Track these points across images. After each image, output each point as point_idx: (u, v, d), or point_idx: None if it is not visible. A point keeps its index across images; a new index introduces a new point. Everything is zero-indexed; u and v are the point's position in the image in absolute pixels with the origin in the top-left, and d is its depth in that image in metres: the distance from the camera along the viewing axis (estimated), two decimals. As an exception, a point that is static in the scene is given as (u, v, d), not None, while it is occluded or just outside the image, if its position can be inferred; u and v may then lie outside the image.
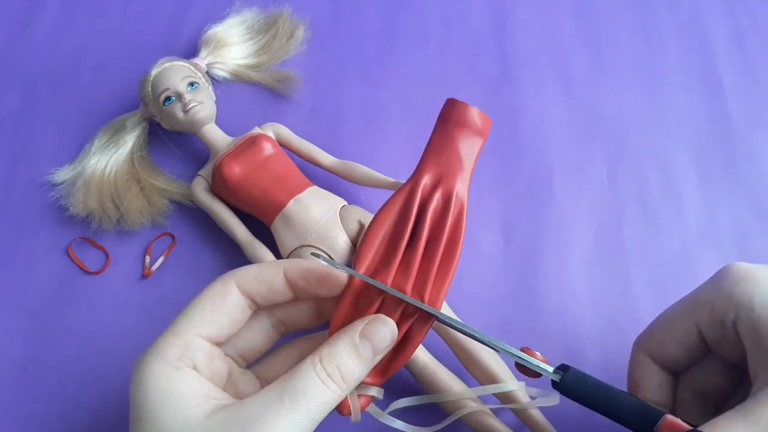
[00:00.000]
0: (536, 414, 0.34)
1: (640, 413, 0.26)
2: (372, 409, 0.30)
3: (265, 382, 0.29)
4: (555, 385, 0.28)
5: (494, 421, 0.34)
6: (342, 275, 0.28)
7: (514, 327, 0.39)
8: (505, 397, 0.34)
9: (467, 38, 0.50)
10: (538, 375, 0.28)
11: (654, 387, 0.30)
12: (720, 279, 0.28)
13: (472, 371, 0.36)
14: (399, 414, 0.32)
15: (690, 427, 0.24)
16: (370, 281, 0.28)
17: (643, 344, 0.31)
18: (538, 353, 0.29)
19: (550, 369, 0.28)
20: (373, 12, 0.51)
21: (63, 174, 0.44)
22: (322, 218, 0.38)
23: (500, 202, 0.43)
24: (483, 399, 0.35)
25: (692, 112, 0.47)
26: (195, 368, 0.26)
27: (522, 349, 0.28)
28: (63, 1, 0.53)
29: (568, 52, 0.49)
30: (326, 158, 0.42)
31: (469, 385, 0.35)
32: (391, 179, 0.40)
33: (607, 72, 0.48)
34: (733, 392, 0.30)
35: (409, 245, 0.29)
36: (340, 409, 0.28)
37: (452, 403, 0.34)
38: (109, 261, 0.42)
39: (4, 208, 0.44)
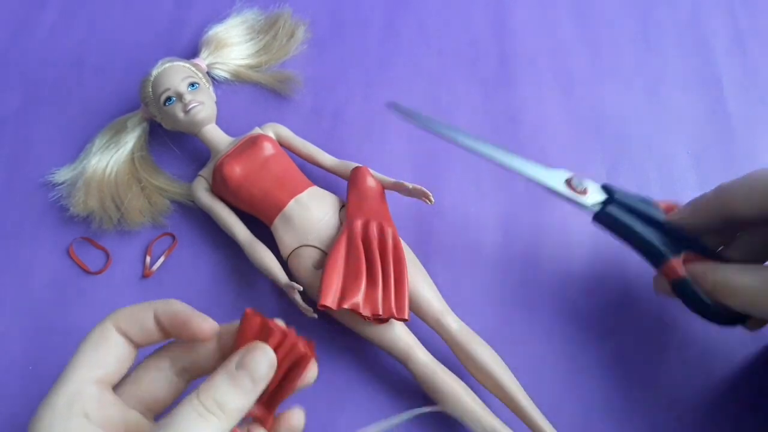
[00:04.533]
0: (536, 414, 0.34)
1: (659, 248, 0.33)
2: None
3: None
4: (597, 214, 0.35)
5: (494, 421, 0.34)
6: (203, 325, 0.28)
7: (514, 327, 0.39)
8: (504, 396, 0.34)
9: (467, 38, 0.50)
10: None
11: (696, 220, 0.34)
12: None
13: (471, 370, 0.36)
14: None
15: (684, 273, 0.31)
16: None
17: (722, 192, 0.33)
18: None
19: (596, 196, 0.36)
20: (373, 12, 0.51)
21: (63, 174, 0.44)
22: (322, 218, 0.38)
23: (500, 202, 0.43)
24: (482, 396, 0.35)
25: (692, 112, 0.47)
26: (86, 416, 0.26)
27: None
28: (63, 1, 0.53)
29: (568, 52, 0.49)
30: (326, 158, 0.42)
31: (467, 383, 0.35)
32: (391, 179, 0.40)
33: (607, 72, 0.49)
34: None
35: (367, 271, 0.36)
36: None
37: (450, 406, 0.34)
38: (109, 261, 0.42)
39: (5, 208, 0.44)
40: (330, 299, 0.35)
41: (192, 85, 0.42)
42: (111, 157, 0.43)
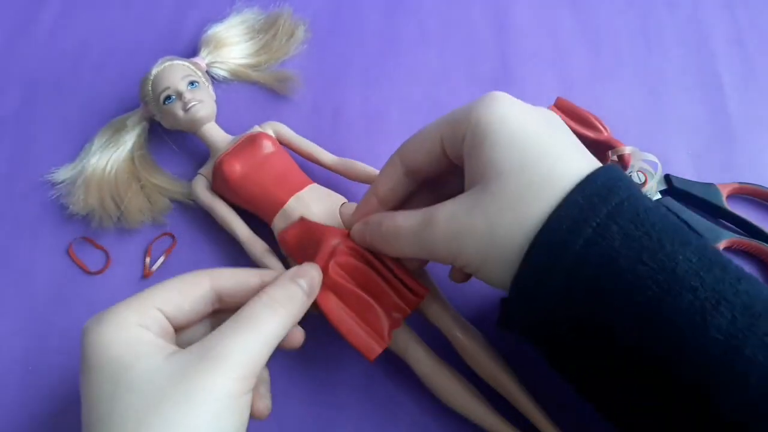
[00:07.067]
0: (539, 413, 0.34)
1: None
2: None
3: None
4: None
5: (496, 418, 0.34)
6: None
7: (514, 326, 0.39)
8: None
9: (467, 38, 0.50)
10: None
11: (388, 186, 0.33)
12: (474, 101, 0.30)
13: (473, 365, 0.36)
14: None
15: None
16: None
17: (401, 149, 0.33)
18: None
19: None
20: (373, 12, 0.51)
21: (63, 173, 0.44)
22: (322, 216, 0.38)
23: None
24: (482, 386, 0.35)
25: (692, 112, 0.47)
26: (146, 327, 0.27)
27: None
28: (63, 1, 0.53)
29: (568, 52, 0.49)
30: (326, 156, 0.42)
31: (469, 379, 0.35)
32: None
33: (607, 72, 0.49)
34: None
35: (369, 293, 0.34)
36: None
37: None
38: (109, 261, 0.42)
39: (5, 207, 0.44)
40: (372, 347, 0.33)
41: (191, 83, 0.42)
42: (111, 156, 0.43)
